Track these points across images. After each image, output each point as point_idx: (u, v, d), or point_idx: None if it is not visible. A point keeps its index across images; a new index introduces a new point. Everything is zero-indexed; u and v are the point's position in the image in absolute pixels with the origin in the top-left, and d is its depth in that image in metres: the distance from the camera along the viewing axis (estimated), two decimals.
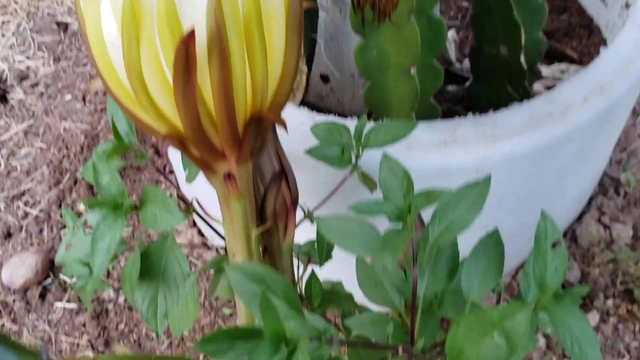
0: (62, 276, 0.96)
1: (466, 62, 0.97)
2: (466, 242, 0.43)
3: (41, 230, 1.02)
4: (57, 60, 1.27)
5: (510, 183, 0.66)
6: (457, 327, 0.29)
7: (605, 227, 0.91)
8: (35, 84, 1.23)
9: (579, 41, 0.98)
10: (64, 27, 1.31)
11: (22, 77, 1.25)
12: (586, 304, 0.84)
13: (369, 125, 0.56)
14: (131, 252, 0.48)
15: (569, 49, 0.98)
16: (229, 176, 0.44)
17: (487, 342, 0.29)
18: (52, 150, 1.12)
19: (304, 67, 0.77)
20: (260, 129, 0.43)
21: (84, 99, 0.43)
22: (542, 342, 0.82)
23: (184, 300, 0.47)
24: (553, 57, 0.98)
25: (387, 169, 0.41)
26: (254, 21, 0.38)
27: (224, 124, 0.40)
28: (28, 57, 1.28)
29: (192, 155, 0.44)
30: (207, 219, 0.50)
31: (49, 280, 0.96)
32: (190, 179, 0.53)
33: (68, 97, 1.20)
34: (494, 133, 0.61)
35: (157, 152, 1.04)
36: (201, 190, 0.58)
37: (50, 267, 0.97)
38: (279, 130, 0.52)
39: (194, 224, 1.00)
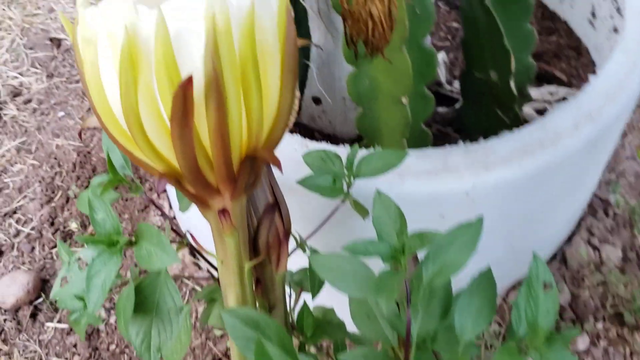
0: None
1: (456, 84, 0.98)
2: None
3: (33, 249, 1.02)
4: (50, 76, 1.27)
5: (501, 209, 0.66)
6: None
7: (595, 248, 0.92)
8: (29, 100, 1.23)
9: (568, 63, 0.99)
10: (57, 43, 1.31)
11: (16, 94, 1.24)
12: (576, 327, 0.84)
13: (361, 153, 0.57)
14: (125, 284, 0.49)
15: (558, 70, 0.99)
16: (223, 212, 0.44)
17: None
18: (44, 168, 1.12)
19: (296, 92, 0.77)
20: (254, 166, 0.44)
21: (80, 135, 0.43)
22: None
23: (177, 332, 0.47)
24: (542, 78, 0.99)
25: (380, 205, 0.42)
26: (250, 64, 0.38)
27: (219, 163, 0.41)
28: (21, 73, 1.28)
29: (187, 192, 0.44)
30: (200, 251, 0.50)
31: (40, 300, 0.95)
32: (184, 209, 0.54)
33: (61, 113, 1.20)
34: (485, 161, 0.62)
35: (152, 188, 1.05)
36: (194, 218, 0.58)
37: (41, 287, 0.96)
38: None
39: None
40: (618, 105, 0.67)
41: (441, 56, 0.99)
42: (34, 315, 0.94)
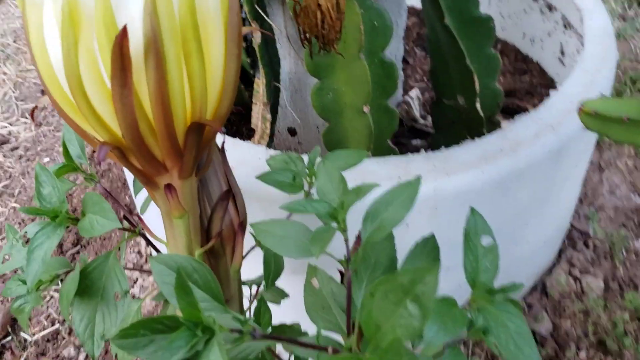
0: (22, 334, 0.93)
1: (430, 119, 1.00)
2: None
3: None
4: (38, 125, 1.30)
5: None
6: (372, 299, 0.29)
7: (576, 279, 0.90)
8: (15, 148, 1.25)
9: (541, 99, 1.01)
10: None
11: (3, 142, 1.27)
12: (558, 356, 0.81)
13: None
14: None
15: (531, 106, 1.01)
16: (169, 187, 0.44)
17: (402, 311, 0.28)
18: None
19: (267, 115, 0.79)
20: (201, 140, 0.44)
21: (32, 115, 0.44)
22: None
23: (123, 318, 0.46)
24: (515, 113, 1.01)
25: (324, 174, 0.42)
26: (190, 27, 0.39)
27: (162, 129, 0.41)
28: (11, 123, 1.30)
29: (134, 168, 0.44)
30: (152, 239, 0.49)
31: (9, 338, 0.93)
32: (136, 191, 0.53)
33: (46, 159, 1.22)
34: (446, 167, 0.62)
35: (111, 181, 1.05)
36: (152, 218, 0.58)
37: (11, 324, 0.94)
38: (234, 164, 0.53)
39: None
40: (578, 120, 0.68)
41: (415, 92, 1.01)
42: (0, 354, 0.91)
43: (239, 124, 0.99)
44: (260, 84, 0.76)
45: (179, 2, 0.39)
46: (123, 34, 0.36)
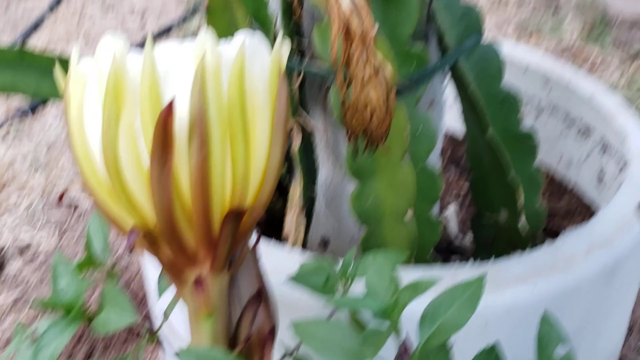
0: None
1: (467, 238, 0.96)
2: None
3: None
4: (61, 234, 1.28)
5: (516, 338, 0.60)
6: None
7: None
8: (36, 256, 1.23)
9: (580, 221, 0.97)
10: (74, 206, 1.35)
11: (24, 249, 1.25)
12: None
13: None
14: None
15: (572, 226, 0.97)
16: (199, 281, 0.40)
17: None
18: (38, 320, 1.07)
19: (302, 221, 0.76)
20: (237, 231, 0.41)
21: (60, 198, 0.41)
22: None
23: None
24: (555, 235, 0.97)
25: (374, 271, 0.37)
26: (237, 109, 0.37)
27: (198, 215, 0.38)
28: (34, 231, 1.29)
29: (163, 258, 0.41)
30: (174, 340, 0.45)
31: None
32: (161, 291, 0.49)
33: None
34: (496, 279, 0.57)
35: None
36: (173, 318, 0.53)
37: None
38: (266, 268, 0.49)
39: None
40: (631, 235, 0.64)
41: (453, 208, 0.98)
42: None
43: (269, 233, 0.96)
44: (296, 189, 0.74)
45: (228, 82, 0.37)
46: (168, 110, 0.34)
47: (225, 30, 0.68)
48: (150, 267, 0.71)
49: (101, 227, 0.49)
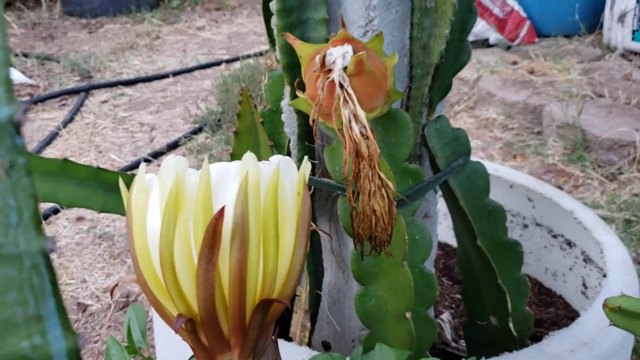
0: None
1: (462, 342, 1.01)
2: None
3: None
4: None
5: None
6: None
7: None
8: None
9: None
10: (83, 307, 1.39)
11: None
12: None
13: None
14: None
15: None
16: None
17: None
18: None
19: (307, 324, 0.82)
20: (264, 320, 0.48)
21: (111, 292, 0.49)
22: None
23: None
24: None
25: (380, 355, 0.44)
26: (271, 217, 0.46)
27: (234, 304, 0.45)
28: None
29: (200, 344, 0.47)
30: None
31: None
32: None
33: None
34: None
35: None
36: None
37: None
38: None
39: None
40: (612, 337, 0.70)
41: (446, 316, 1.04)
42: None
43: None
44: (303, 291, 0.81)
45: (265, 193, 0.46)
46: (220, 215, 0.43)
47: (250, 149, 0.78)
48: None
49: (138, 318, 0.56)
